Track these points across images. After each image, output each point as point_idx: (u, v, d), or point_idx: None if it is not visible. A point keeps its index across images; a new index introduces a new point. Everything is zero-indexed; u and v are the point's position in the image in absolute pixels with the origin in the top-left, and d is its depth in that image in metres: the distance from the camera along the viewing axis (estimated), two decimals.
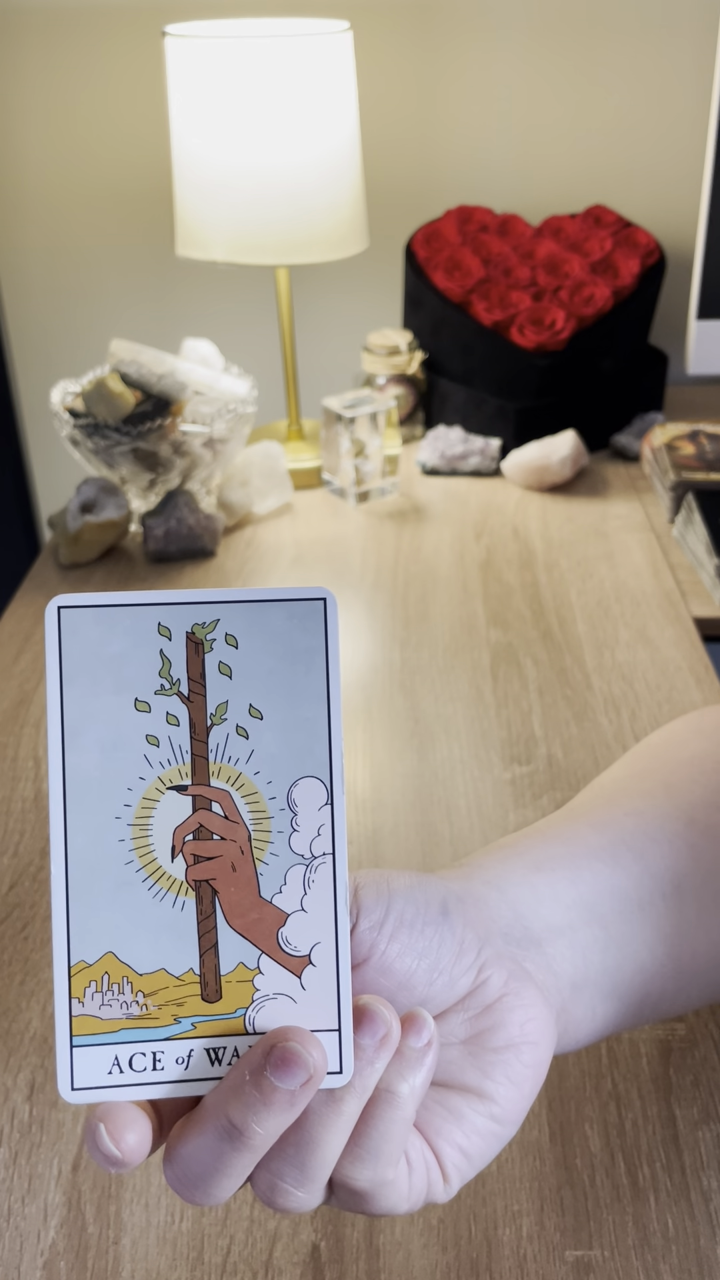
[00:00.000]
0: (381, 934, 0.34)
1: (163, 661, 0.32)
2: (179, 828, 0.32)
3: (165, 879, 0.32)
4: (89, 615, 0.32)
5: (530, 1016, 0.36)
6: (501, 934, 0.37)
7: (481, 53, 1.32)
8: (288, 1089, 0.31)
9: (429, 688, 0.85)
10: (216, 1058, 0.32)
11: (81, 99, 1.34)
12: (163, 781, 0.32)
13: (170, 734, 0.32)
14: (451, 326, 1.22)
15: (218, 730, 0.32)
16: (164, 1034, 0.32)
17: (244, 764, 0.33)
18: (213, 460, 1.07)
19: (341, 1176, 0.33)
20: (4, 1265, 0.47)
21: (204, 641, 0.32)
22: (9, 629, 0.95)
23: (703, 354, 1.19)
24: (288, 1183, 0.32)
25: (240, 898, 0.32)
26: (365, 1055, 0.32)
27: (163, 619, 0.32)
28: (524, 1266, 0.46)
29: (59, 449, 1.50)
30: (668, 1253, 0.46)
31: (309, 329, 1.44)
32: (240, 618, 0.32)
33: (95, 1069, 0.32)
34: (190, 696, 0.32)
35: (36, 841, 0.71)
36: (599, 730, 0.79)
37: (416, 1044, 0.33)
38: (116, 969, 0.32)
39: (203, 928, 0.32)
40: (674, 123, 1.34)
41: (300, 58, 1.02)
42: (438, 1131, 0.35)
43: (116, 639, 0.32)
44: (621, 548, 1.05)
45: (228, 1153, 0.31)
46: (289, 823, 0.33)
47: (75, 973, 0.32)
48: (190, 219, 1.11)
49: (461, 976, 0.36)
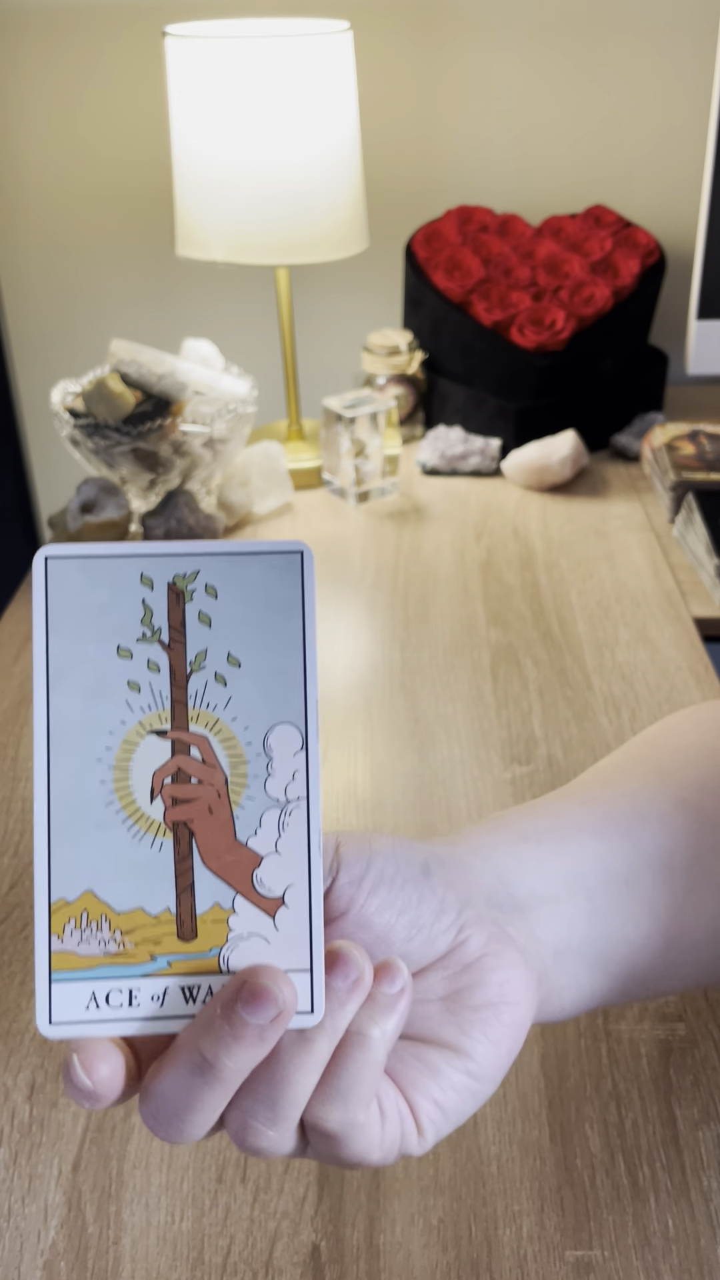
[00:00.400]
0: (361, 888, 0.35)
1: (145, 610, 0.33)
2: (158, 771, 0.33)
3: (144, 820, 0.33)
4: (75, 565, 0.33)
5: (510, 977, 0.37)
6: (484, 897, 0.38)
7: (481, 53, 1.32)
8: (258, 1023, 0.31)
9: (429, 688, 0.85)
10: (191, 996, 0.33)
11: (81, 99, 1.34)
12: (143, 726, 0.33)
13: (151, 680, 0.33)
14: (451, 326, 1.22)
15: (197, 677, 0.33)
16: (140, 971, 0.33)
17: (222, 710, 0.33)
18: (213, 460, 1.07)
19: (312, 1117, 0.34)
20: (4, 1265, 0.47)
21: (185, 592, 0.33)
22: (9, 629, 0.95)
23: (703, 354, 1.19)
24: (259, 1121, 0.33)
25: (216, 839, 0.33)
26: (337, 997, 0.33)
27: (145, 569, 0.33)
28: (524, 1267, 0.46)
29: (59, 449, 1.50)
30: (668, 1253, 0.46)
31: (309, 329, 1.44)
32: (220, 569, 0.33)
33: (73, 1004, 0.33)
34: (171, 644, 0.33)
35: None
36: (599, 730, 0.79)
37: (390, 990, 0.34)
38: (95, 907, 0.33)
39: (180, 868, 0.33)
40: (674, 123, 1.34)
41: (300, 58, 1.02)
42: (413, 1084, 0.36)
43: (101, 588, 0.33)
44: (621, 548, 1.05)
45: (199, 1087, 0.32)
46: (264, 767, 0.33)
47: (55, 910, 0.33)
48: (190, 219, 1.11)
49: (441, 935, 0.36)
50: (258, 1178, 0.50)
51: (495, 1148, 0.51)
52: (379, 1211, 0.49)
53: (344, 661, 0.89)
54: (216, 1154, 0.52)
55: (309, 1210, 0.49)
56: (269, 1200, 0.50)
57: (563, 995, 0.40)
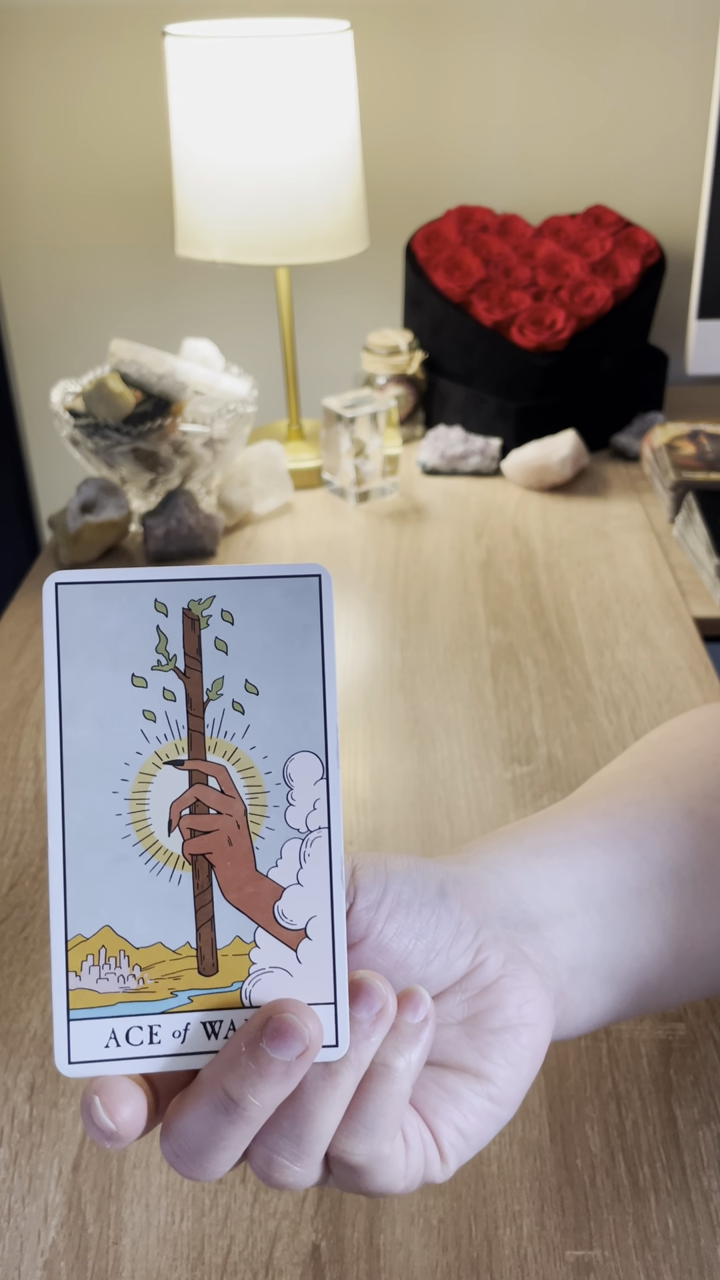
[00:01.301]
0: (379, 914, 0.35)
1: (159, 637, 0.32)
2: (175, 802, 0.32)
3: (162, 853, 0.32)
4: (86, 591, 0.32)
5: (528, 999, 0.36)
6: (499, 917, 0.38)
7: (481, 53, 1.32)
8: (283, 1060, 0.31)
9: (429, 688, 0.85)
10: (213, 1031, 0.32)
11: (81, 99, 1.34)
12: (159, 756, 0.32)
13: (167, 709, 0.32)
14: (451, 326, 1.22)
15: (214, 705, 0.33)
16: (161, 1008, 0.32)
17: (240, 739, 0.33)
18: (213, 460, 1.07)
19: (338, 1151, 0.33)
20: (4, 1265, 0.47)
21: (200, 618, 0.33)
22: (9, 629, 0.95)
23: (703, 354, 1.19)
24: (284, 1157, 0.32)
25: (236, 871, 0.33)
26: (361, 1029, 0.33)
27: (159, 595, 0.32)
28: (524, 1267, 0.46)
29: (59, 449, 1.50)
30: (668, 1253, 0.46)
31: (309, 329, 1.44)
32: (236, 594, 0.33)
33: (92, 1042, 0.32)
34: (186, 672, 0.33)
35: (37, 841, 0.71)
36: (599, 730, 0.79)
37: (413, 1019, 0.34)
38: (113, 943, 0.32)
39: (199, 901, 0.32)
40: (674, 123, 1.34)
41: (300, 58, 1.02)
42: (435, 1111, 0.35)
43: (113, 615, 0.32)
44: (621, 548, 1.05)
45: (224, 1125, 0.31)
46: (285, 797, 0.33)
47: (72, 946, 0.32)
48: (190, 219, 1.11)
49: (459, 958, 0.36)
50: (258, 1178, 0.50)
51: (495, 1148, 0.51)
52: (379, 1211, 0.49)
53: (344, 661, 0.89)
54: None
55: (309, 1210, 0.49)
56: (269, 1200, 0.50)
57: (578, 1012, 0.39)
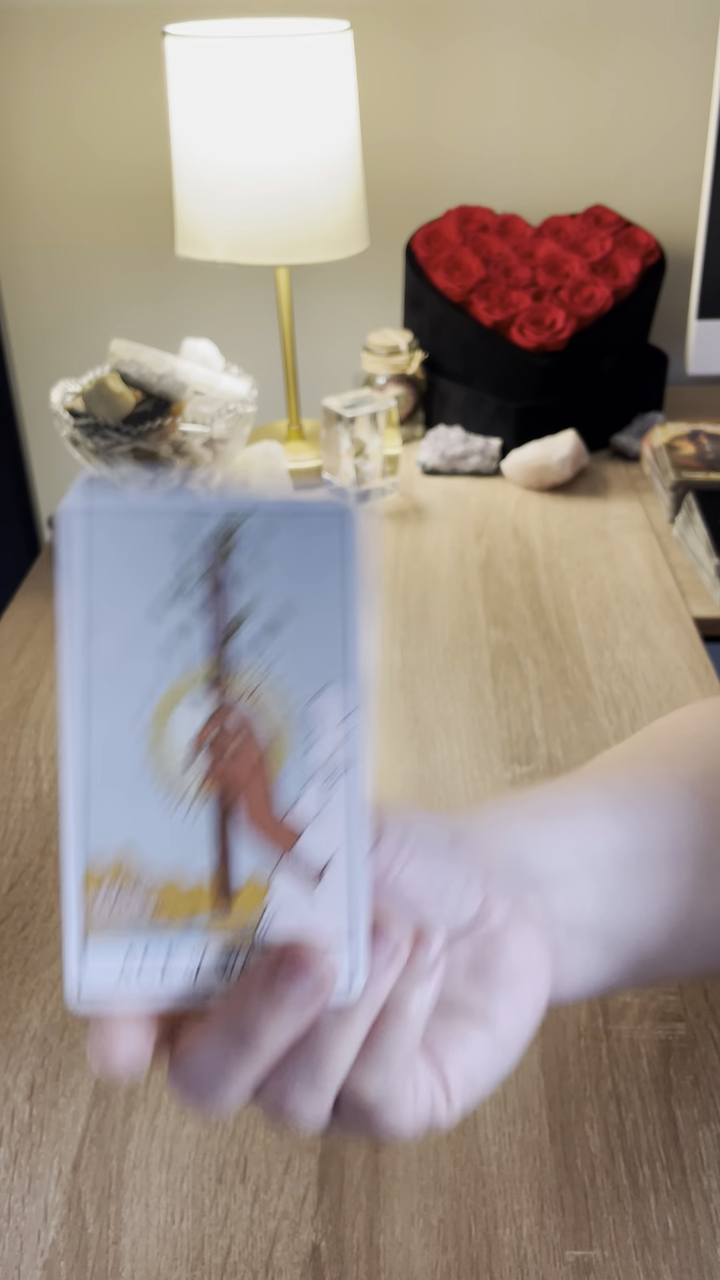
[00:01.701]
0: (399, 855, 0.35)
1: (181, 568, 0.31)
2: (196, 735, 0.31)
3: (180, 786, 0.31)
4: (104, 520, 0.31)
5: (530, 948, 0.37)
6: (504, 869, 0.38)
7: (481, 53, 1.32)
8: (298, 996, 0.31)
9: (429, 688, 0.85)
10: (226, 968, 0.32)
11: (81, 99, 1.34)
12: (180, 689, 0.31)
13: (188, 641, 0.31)
14: (451, 326, 1.22)
15: (236, 639, 0.31)
16: (173, 942, 0.31)
17: (263, 673, 0.31)
18: (213, 460, 1.07)
19: (351, 1089, 0.33)
20: (4, 1265, 0.47)
21: (223, 549, 0.31)
22: (9, 629, 0.95)
23: (703, 354, 1.19)
24: (297, 1095, 0.32)
25: (256, 807, 0.32)
26: (376, 967, 0.32)
27: (182, 525, 0.31)
28: (524, 1266, 0.46)
29: (59, 449, 1.50)
30: (668, 1253, 0.46)
31: (309, 329, 1.44)
32: (262, 526, 0.31)
33: (103, 976, 0.31)
34: (209, 604, 0.31)
35: (37, 841, 0.71)
36: (599, 730, 0.79)
37: (425, 959, 0.34)
38: (128, 876, 0.31)
39: (217, 835, 0.31)
40: (674, 123, 1.34)
41: (300, 58, 1.02)
42: (442, 1053, 0.36)
43: (132, 545, 0.31)
44: (621, 548, 1.05)
45: (234, 1059, 0.31)
46: (309, 733, 0.32)
47: (87, 879, 0.31)
48: (190, 219, 1.11)
49: (468, 905, 0.36)
50: (258, 1178, 0.50)
51: (495, 1148, 0.51)
52: (379, 1211, 0.49)
53: None
54: (217, 1154, 0.52)
55: (309, 1210, 0.49)
56: (269, 1200, 0.50)
57: (573, 974, 0.40)
